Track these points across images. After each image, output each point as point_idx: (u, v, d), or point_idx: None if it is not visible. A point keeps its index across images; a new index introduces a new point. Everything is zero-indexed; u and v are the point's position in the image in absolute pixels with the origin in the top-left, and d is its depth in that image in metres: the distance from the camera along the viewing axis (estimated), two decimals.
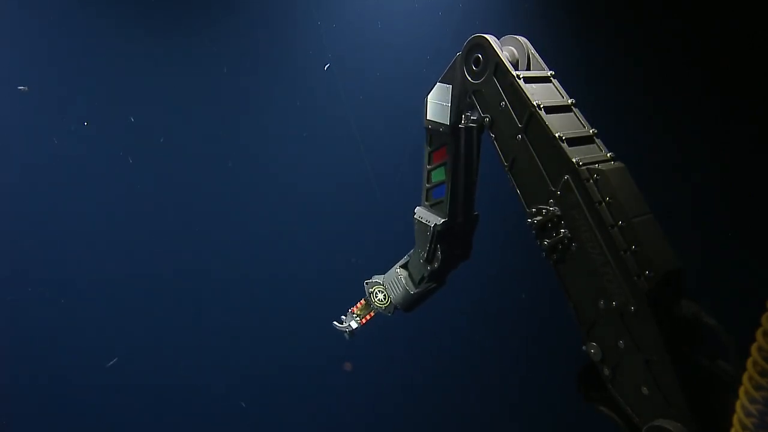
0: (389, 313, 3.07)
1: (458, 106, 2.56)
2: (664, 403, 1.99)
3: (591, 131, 2.30)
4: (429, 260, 2.83)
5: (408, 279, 2.98)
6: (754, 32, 4.64)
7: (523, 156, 2.27)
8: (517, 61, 2.45)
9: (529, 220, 2.26)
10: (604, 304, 2.08)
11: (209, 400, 5.38)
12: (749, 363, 1.50)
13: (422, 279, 2.92)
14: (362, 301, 3.16)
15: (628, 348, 2.05)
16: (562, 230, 2.17)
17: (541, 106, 2.22)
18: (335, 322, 3.18)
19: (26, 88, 4.27)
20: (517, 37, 2.49)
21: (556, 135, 2.15)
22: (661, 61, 5.04)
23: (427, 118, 2.68)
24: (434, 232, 2.74)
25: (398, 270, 3.01)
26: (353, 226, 5.35)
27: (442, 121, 2.62)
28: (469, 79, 2.44)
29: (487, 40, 2.37)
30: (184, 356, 5.23)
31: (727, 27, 4.76)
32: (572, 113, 2.34)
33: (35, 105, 4.62)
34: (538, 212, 2.23)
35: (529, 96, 2.24)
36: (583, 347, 2.20)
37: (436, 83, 2.63)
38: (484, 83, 2.38)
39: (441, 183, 2.73)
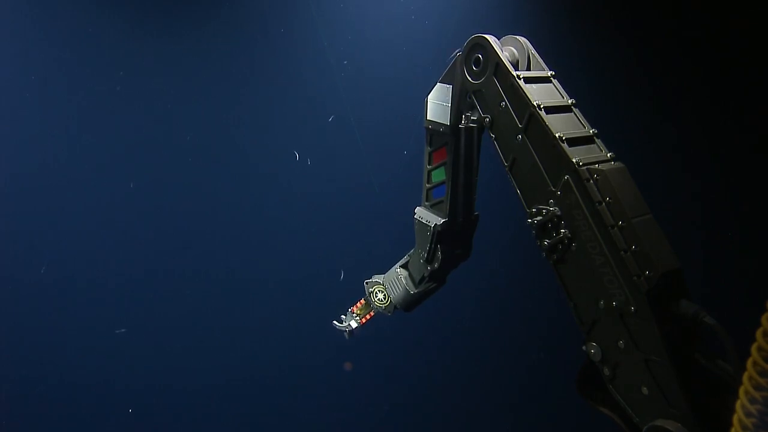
0: (389, 312, 3.07)
1: (458, 106, 2.56)
2: (664, 403, 1.99)
3: (591, 131, 2.30)
4: (429, 260, 2.83)
5: (408, 279, 2.98)
6: (755, 31, 4.65)
7: (523, 156, 2.27)
8: (518, 62, 2.45)
9: (530, 221, 2.26)
10: (604, 304, 2.09)
11: (209, 401, 5.38)
12: (749, 363, 1.50)
13: (422, 279, 2.92)
14: (362, 301, 3.16)
15: (628, 348, 2.06)
16: (562, 230, 2.17)
17: (542, 106, 2.21)
18: (335, 322, 3.18)
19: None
20: (517, 37, 2.50)
21: (557, 135, 2.15)
22: (661, 61, 5.05)
23: (428, 118, 2.68)
24: (434, 232, 2.74)
25: (398, 270, 3.01)
26: (353, 226, 5.36)
27: (442, 122, 2.62)
28: (470, 79, 2.44)
29: (488, 40, 2.37)
30: (183, 356, 5.23)
31: (728, 26, 4.77)
32: (572, 113, 2.34)
33: (33, 105, 4.63)
34: (539, 212, 2.23)
35: (529, 96, 2.23)
36: (583, 347, 2.20)
37: (436, 83, 2.63)
38: (484, 83, 2.38)
39: (441, 183, 2.73)
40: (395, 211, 3.36)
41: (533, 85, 2.31)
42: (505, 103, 2.30)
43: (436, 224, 2.74)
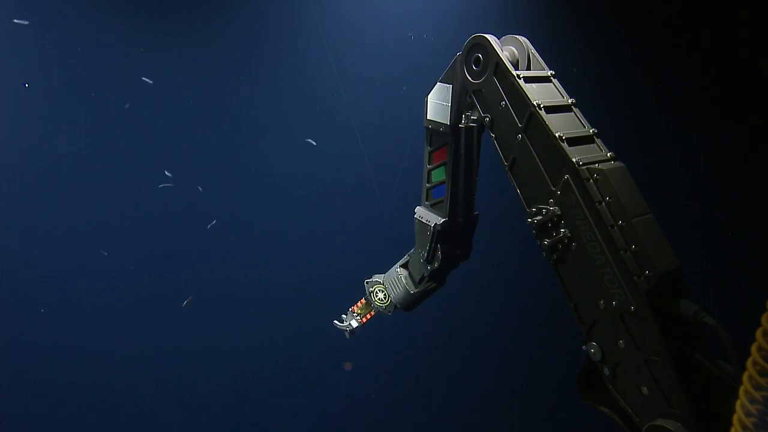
0: (389, 312, 3.07)
1: (458, 105, 2.55)
2: (664, 402, 1.99)
3: (591, 131, 2.30)
4: (429, 260, 2.83)
5: (408, 278, 2.98)
6: (755, 31, 4.65)
7: (523, 156, 2.27)
8: (518, 61, 2.45)
9: (530, 220, 2.26)
10: (605, 304, 2.08)
11: (211, 401, 5.38)
12: (749, 363, 1.50)
13: (422, 278, 2.92)
14: (362, 300, 3.16)
15: (628, 348, 2.05)
16: (562, 230, 2.16)
17: (541, 105, 2.21)
18: (336, 321, 3.18)
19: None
20: (518, 36, 2.49)
21: (556, 135, 2.15)
22: (661, 61, 5.05)
23: (428, 118, 2.67)
24: (434, 231, 2.74)
25: (398, 269, 3.01)
26: (354, 226, 5.36)
27: (442, 121, 2.62)
28: (470, 78, 2.43)
29: (488, 39, 2.37)
30: (185, 357, 5.24)
31: (728, 26, 4.77)
32: (572, 113, 2.34)
33: (32, 105, 4.63)
34: (539, 212, 2.23)
35: (529, 96, 2.23)
36: (584, 347, 2.20)
37: (436, 83, 2.63)
38: (484, 83, 2.38)
39: (441, 183, 2.73)
40: (395, 211, 3.36)
41: (533, 84, 2.30)
42: (505, 102, 2.30)
43: (436, 224, 2.73)
